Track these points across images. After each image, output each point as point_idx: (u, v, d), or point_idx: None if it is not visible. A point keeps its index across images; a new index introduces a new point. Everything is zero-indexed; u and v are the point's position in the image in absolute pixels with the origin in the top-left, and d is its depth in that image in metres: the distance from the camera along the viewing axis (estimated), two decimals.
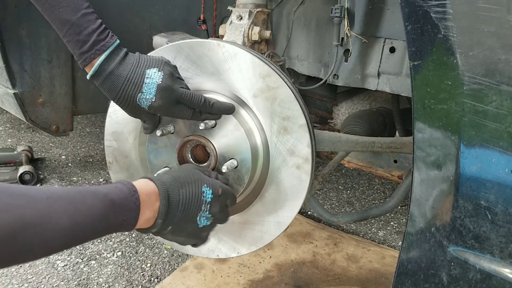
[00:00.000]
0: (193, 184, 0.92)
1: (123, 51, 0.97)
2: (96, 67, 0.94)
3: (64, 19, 0.91)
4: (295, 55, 1.75)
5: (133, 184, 0.83)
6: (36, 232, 0.62)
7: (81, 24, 0.91)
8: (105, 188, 0.77)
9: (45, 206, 0.65)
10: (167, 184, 0.88)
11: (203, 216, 0.93)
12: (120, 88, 0.95)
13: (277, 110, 1.04)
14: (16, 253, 0.62)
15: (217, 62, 1.06)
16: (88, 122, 3.84)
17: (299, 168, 1.05)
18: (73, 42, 0.93)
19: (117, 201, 0.76)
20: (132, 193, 0.80)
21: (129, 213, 0.79)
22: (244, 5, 1.27)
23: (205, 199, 0.92)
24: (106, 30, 0.95)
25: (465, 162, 0.73)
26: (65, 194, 0.70)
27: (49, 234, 0.65)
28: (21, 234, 0.60)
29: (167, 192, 0.86)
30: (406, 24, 0.74)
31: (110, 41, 0.95)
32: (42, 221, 0.63)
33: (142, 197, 0.82)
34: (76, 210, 0.69)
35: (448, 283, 0.80)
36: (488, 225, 0.73)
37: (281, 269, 1.92)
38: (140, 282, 1.87)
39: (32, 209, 0.63)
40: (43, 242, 0.65)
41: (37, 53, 1.79)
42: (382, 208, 1.46)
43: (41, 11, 0.93)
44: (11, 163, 2.76)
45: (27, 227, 0.61)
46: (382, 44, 1.45)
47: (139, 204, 0.80)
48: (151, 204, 0.83)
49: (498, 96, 0.67)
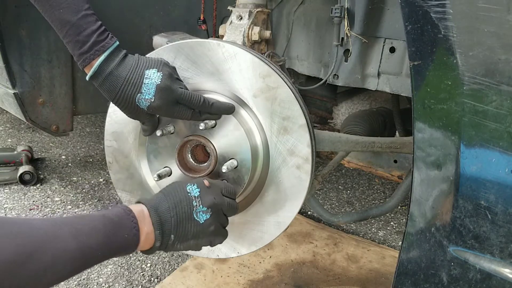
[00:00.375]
0: (176, 188, 0.94)
1: (122, 52, 0.98)
2: (96, 67, 0.94)
3: (64, 19, 0.91)
4: (295, 55, 1.75)
5: (126, 206, 0.86)
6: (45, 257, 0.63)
7: (81, 25, 0.92)
8: (101, 211, 0.82)
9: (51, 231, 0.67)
10: (152, 199, 0.92)
11: (199, 211, 0.92)
12: (119, 89, 0.95)
13: (277, 110, 1.04)
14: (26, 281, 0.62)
15: (217, 62, 1.06)
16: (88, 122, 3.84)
17: (299, 168, 1.05)
18: (72, 42, 0.93)
19: (115, 219, 0.79)
20: (127, 212, 0.83)
21: (129, 231, 0.81)
22: (244, 5, 1.27)
23: (193, 195, 0.93)
24: (105, 31, 0.96)
25: (465, 162, 0.73)
26: (66, 220, 0.74)
27: (58, 258, 0.66)
28: (30, 261, 0.61)
29: (153, 205, 0.89)
30: (406, 24, 0.74)
31: (110, 42, 0.95)
32: (50, 245, 0.65)
33: (137, 214, 0.84)
34: (80, 232, 0.71)
35: (448, 283, 0.80)
36: (488, 225, 0.73)
37: (281, 269, 1.92)
38: (140, 282, 1.87)
39: (39, 236, 0.64)
40: (53, 268, 0.65)
41: (37, 53, 1.79)
42: (382, 208, 1.46)
43: (42, 12, 0.93)
44: (11, 163, 2.76)
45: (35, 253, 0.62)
46: (382, 44, 1.45)
47: (137, 222, 0.83)
48: (144, 220, 0.86)
49: (498, 96, 0.67)
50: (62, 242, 0.67)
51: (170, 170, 1.12)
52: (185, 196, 0.92)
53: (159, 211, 0.88)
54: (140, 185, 1.23)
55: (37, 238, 0.64)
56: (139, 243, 0.83)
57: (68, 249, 0.68)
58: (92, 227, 0.74)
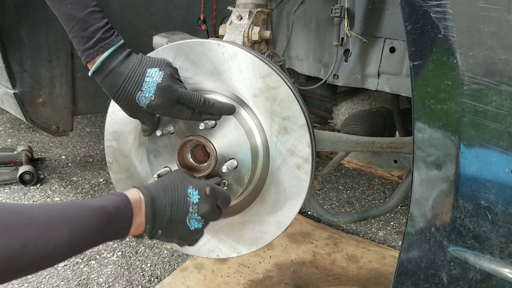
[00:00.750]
0: (178, 186, 0.94)
1: (126, 50, 0.98)
2: (99, 63, 0.94)
3: (71, 15, 0.92)
4: (295, 55, 1.75)
5: (126, 195, 0.86)
6: (39, 250, 0.66)
7: (88, 21, 0.93)
8: (102, 200, 0.82)
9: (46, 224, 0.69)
10: (152, 191, 0.91)
11: (193, 218, 0.93)
12: (120, 86, 0.96)
13: (277, 110, 1.04)
14: (21, 269, 0.66)
15: (217, 62, 1.06)
16: (88, 122, 3.84)
17: (299, 168, 1.05)
18: (78, 38, 0.94)
19: (112, 212, 0.80)
20: (125, 204, 0.84)
21: (123, 223, 0.83)
22: (244, 5, 1.27)
23: (192, 201, 0.93)
24: (111, 29, 0.97)
25: (465, 162, 0.73)
26: (64, 211, 0.75)
27: (50, 250, 0.69)
28: (25, 252, 0.64)
29: (152, 198, 0.89)
30: (406, 24, 0.74)
31: (115, 40, 0.96)
32: (42, 239, 0.67)
33: (133, 206, 0.85)
34: (75, 225, 0.74)
35: (448, 283, 0.80)
36: (488, 225, 0.73)
37: (281, 269, 1.92)
38: (140, 282, 1.87)
39: (35, 229, 0.67)
40: (45, 257, 0.69)
41: (37, 53, 1.79)
42: (382, 208, 1.46)
43: (50, 6, 0.95)
44: (11, 163, 2.76)
45: (31, 246, 0.65)
46: (382, 44, 1.45)
47: (132, 214, 0.84)
48: (139, 211, 0.86)
49: (498, 96, 0.67)
50: (55, 235, 0.69)
51: (170, 170, 1.12)
52: (183, 198, 0.93)
53: (155, 206, 0.89)
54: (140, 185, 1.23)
55: (31, 230, 0.66)
56: (127, 235, 0.85)
57: (60, 242, 0.70)
58: (88, 222, 0.76)
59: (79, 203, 0.79)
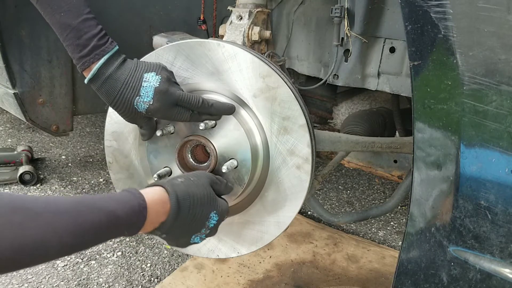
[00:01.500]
0: (205, 206, 0.90)
1: (121, 56, 0.98)
2: (94, 71, 0.94)
3: (65, 23, 0.91)
4: (295, 55, 1.75)
5: (145, 199, 0.79)
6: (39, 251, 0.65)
7: (82, 28, 0.92)
8: (114, 202, 0.75)
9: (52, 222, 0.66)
10: (180, 201, 0.85)
11: (199, 236, 0.94)
12: (118, 92, 0.96)
13: (277, 110, 1.04)
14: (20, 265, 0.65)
15: (217, 62, 1.06)
16: (88, 122, 3.84)
17: (299, 168, 1.05)
18: (73, 46, 0.93)
19: (123, 217, 0.75)
20: (141, 210, 0.78)
21: (132, 230, 0.78)
22: (244, 5, 1.27)
23: (209, 224, 0.93)
24: (106, 36, 0.96)
25: (465, 162, 0.73)
26: (71, 208, 0.70)
27: (51, 251, 0.66)
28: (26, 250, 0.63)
29: (177, 211, 0.84)
30: (406, 24, 0.74)
31: (110, 46, 0.96)
32: (45, 238, 0.65)
33: (150, 212, 0.80)
34: (81, 229, 0.69)
35: (448, 283, 0.80)
36: (488, 225, 0.73)
37: (281, 269, 1.92)
38: (140, 282, 1.87)
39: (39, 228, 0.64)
40: (45, 255, 0.67)
41: (37, 53, 1.79)
42: (382, 208, 1.46)
43: (43, 15, 0.94)
44: (11, 163, 2.76)
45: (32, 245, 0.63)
46: (382, 44, 1.45)
47: (144, 221, 0.79)
48: (156, 219, 0.82)
49: (498, 96, 0.67)
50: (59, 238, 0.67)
51: (170, 170, 1.12)
52: (203, 220, 0.91)
53: (176, 219, 0.85)
54: (140, 185, 1.23)
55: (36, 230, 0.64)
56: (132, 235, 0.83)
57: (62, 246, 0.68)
58: (96, 227, 0.72)
59: (90, 201, 0.73)
